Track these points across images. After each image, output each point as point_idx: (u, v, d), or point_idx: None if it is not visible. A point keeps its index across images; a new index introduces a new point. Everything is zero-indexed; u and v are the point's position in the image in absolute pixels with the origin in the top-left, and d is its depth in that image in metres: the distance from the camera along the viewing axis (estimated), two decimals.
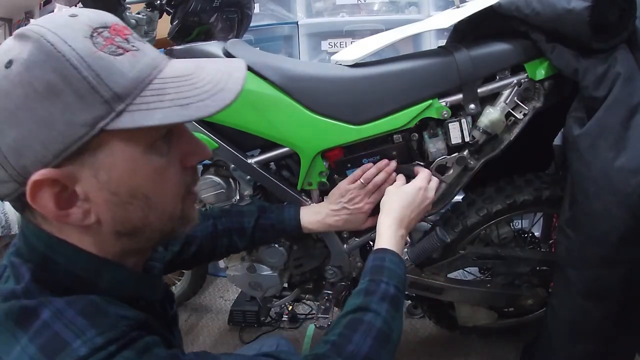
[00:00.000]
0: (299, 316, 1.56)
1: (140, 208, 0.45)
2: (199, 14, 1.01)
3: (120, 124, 0.40)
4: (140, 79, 0.42)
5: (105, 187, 0.43)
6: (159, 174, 0.45)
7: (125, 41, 0.43)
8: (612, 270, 0.83)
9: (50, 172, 0.40)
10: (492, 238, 1.14)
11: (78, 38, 0.41)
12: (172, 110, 0.42)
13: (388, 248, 0.74)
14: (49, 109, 0.39)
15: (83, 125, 0.40)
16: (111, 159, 0.42)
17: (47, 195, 0.41)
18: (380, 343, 0.59)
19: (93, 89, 0.40)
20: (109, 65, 0.41)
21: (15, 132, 0.40)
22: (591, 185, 0.81)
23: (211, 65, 0.47)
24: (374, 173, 0.90)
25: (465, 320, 1.22)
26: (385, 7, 1.82)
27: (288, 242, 1.02)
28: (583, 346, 0.92)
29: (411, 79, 0.89)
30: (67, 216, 0.43)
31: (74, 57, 0.39)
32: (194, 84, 0.44)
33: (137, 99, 0.41)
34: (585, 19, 0.77)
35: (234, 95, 0.44)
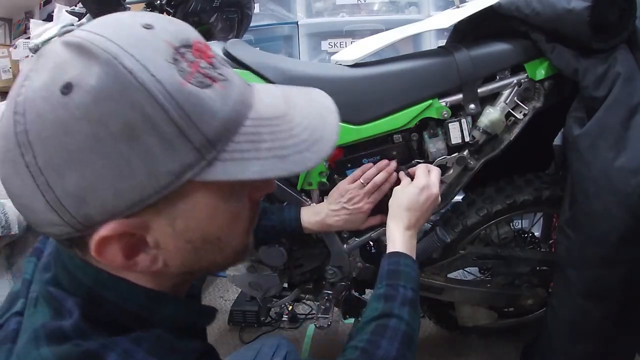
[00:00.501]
0: (299, 316, 1.56)
1: (211, 251, 0.42)
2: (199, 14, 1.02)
3: (211, 176, 0.35)
4: (232, 120, 0.36)
5: (181, 235, 0.38)
6: (234, 218, 0.42)
7: (211, 67, 0.36)
8: (612, 270, 0.83)
9: (122, 226, 0.35)
10: (492, 238, 1.14)
11: (161, 64, 0.33)
12: (270, 162, 0.37)
13: (402, 251, 0.75)
14: (125, 154, 0.32)
15: (167, 175, 0.34)
16: (191, 207, 0.37)
17: (115, 249, 0.36)
18: (405, 345, 0.62)
19: (182, 133, 0.33)
20: (200, 102, 0.34)
21: (78, 177, 0.33)
22: (591, 185, 0.81)
23: (302, 101, 0.42)
24: (373, 173, 0.90)
25: (465, 320, 1.22)
26: (385, 7, 1.82)
27: (288, 242, 1.02)
28: (583, 346, 0.92)
29: (411, 79, 0.89)
30: (134, 265, 0.38)
31: (160, 93, 0.32)
32: (290, 131, 0.39)
33: (230, 145, 0.36)
34: (585, 19, 0.77)
35: (331, 146, 0.40)
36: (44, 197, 0.33)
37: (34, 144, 0.32)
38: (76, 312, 0.37)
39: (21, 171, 0.33)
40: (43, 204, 0.34)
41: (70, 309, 0.38)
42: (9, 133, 0.33)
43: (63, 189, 0.33)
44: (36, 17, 2.46)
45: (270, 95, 0.42)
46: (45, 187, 0.33)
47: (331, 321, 1.03)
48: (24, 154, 0.33)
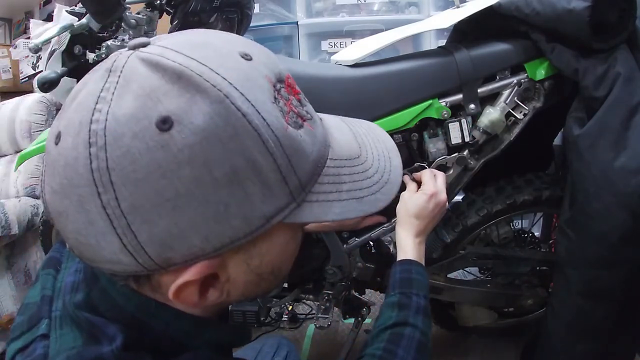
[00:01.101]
0: (299, 316, 1.56)
1: (271, 281, 0.41)
2: (199, 14, 1.02)
3: (298, 218, 0.34)
4: (318, 161, 0.36)
5: (254, 271, 0.37)
6: (296, 249, 0.42)
7: (300, 104, 0.36)
8: (612, 270, 0.83)
9: (206, 269, 0.33)
10: (492, 238, 1.14)
11: (268, 106, 0.31)
12: (350, 204, 0.37)
13: (413, 259, 0.76)
14: (224, 199, 0.30)
15: (260, 219, 0.32)
16: (269, 246, 0.36)
17: (193, 290, 0.34)
18: (421, 353, 0.63)
19: (283, 178, 0.32)
20: (298, 147, 0.33)
21: (169, 223, 0.30)
22: (591, 185, 0.81)
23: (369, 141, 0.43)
24: None
25: (465, 320, 1.22)
26: (385, 7, 1.82)
27: None
28: (583, 346, 0.92)
29: (411, 79, 0.89)
30: (205, 301, 0.36)
31: (271, 139, 0.31)
32: (365, 172, 0.39)
33: (315, 187, 0.35)
34: (585, 19, 0.77)
35: (397, 188, 0.41)
36: (120, 240, 0.30)
37: (117, 184, 0.29)
38: (119, 338, 0.35)
39: (92, 210, 0.30)
40: (117, 247, 0.31)
41: (113, 336, 0.35)
42: (81, 166, 0.29)
43: (149, 234, 0.30)
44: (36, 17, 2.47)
45: (341, 132, 0.42)
46: (125, 231, 0.30)
47: (331, 321, 1.03)
48: (101, 193, 0.29)
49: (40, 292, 0.45)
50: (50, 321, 0.41)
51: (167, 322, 0.38)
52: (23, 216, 1.53)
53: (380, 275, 1.07)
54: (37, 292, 0.45)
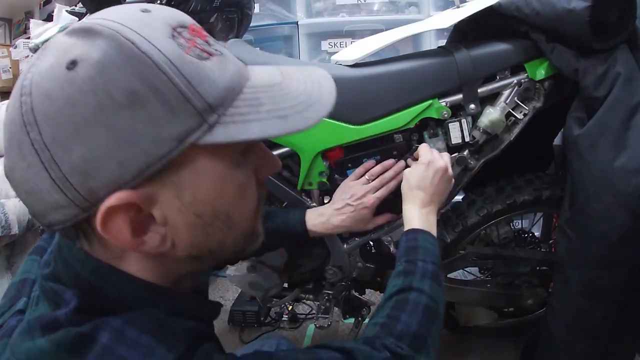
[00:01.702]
0: (299, 316, 1.56)
1: (220, 230, 0.41)
2: (199, 14, 1.02)
3: (213, 138, 0.36)
4: (231, 88, 0.38)
5: (189, 209, 0.38)
6: (242, 191, 0.42)
7: (206, 44, 0.38)
8: (612, 270, 0.83)
9: (127, 196, 0.35)
10: (492, 238, 1.14)
11: (161, 38, 0.35)
12: (271, 122, 0.38)
13: (418, 228, 0.74)
14: (129, 121, 0.33)
15: (170, 140, 0.35)
16: (197, 177, 0.37)
17: (122, 222, 0.36)
18: (428, 318, 0.61)
19: (185, 97, 0.34)
20: (199, 71, 0.36)
21: (84, 150, 0.33)
22: (591, 185, 0.81)
23: (298, 74, 0.43)
24: (379, 171, 0.89)
25: (465, 320, 1.22)
26: (385, 7, 1.82)
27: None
28: (583, 346, 0.92)
29: (411, 79, 0.89)
30: (142, 244, 0.37)
31: (162, 61, 0.34)
32: (288, 94, 0.40)
33: (230, 110, 0.37)
34: (585, 19, 0.77)
35: (329, 107, 0.41)
36: (49, 175, 0.34)
37: (39, 120, 0.33)
38: (73, 302, 0.38)
39: (27, 152, 0.34)
40: (49, 184, 0.34)
41: (68, 300, 0.38)
42: (16, 116, 0.34)
43: (69, 163, 0.33)
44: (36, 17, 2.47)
45: (268, 71, 0.43)
46: (51, 164, 0.33)
47: (331, 321, 1.03)
48: (29, 131, 0.33)
49: (21, 275, 0.48)
50: (29, 300, 0.43)
51: (120, 288, 0.39)
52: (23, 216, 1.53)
53: (380, 275, 1.07)
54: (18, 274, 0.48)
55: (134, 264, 0.40)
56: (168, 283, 0.42)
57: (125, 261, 0.40)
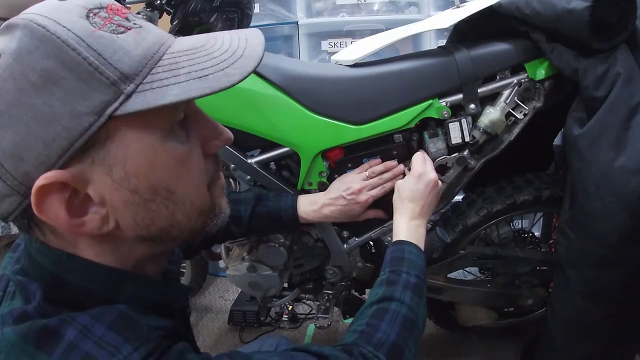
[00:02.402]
0: (299, 316, 1.56)
1: (164, 205, 0.40)
2: (199, 13, 1.01)
3: (131, 107, 0.35)
4: (148, 56, 0.37)
5: (123, 185, 0.38)
6: (181, 164, 0.40)
7: (125, 20, 0.38)
8: (612, 270, 0.83)
9: (56, 175, 0.35)
10: (492, 238, 1.14)
11: (73, 19, 0.36)
12: (190, 83, 0.37)
13: (405, 240, 0.75)
14: (47, 100, 0.34)
15: (88, 114, 0.35)
16: (125, 151, 0.37)
17: (57, 203, 0.36)
18: (407, 330, 0.61)
19: (96, 70, 0.35)
20: (111, 43, 0.36)
21: (11, 134, 0.34)
22: (591, 185, 0.81)
23: (224, 35, 0.42)
24: (380, 170, 0.90)
25: (465, 320, 1.22)
26: (385, 7, 1.82)
27: (288, 242, 1.02)
28: (583, 346, 0.92)
29: (411, 79, 0.89)
30: (82, 225, 0.38)
31: (71, 38, 0.34)
32: (210, 54, 0.39)
33: (148, 78, 0.37)
34: (586, 19, 0.77)
35: (255, 62, 0.40)
36: None
37: None
38: (39, 294, 0.38)
39: None
40: None
41: (34, 292, 0.39)
42: None
43: (1, 150, 0.35)
44: None
45: (194, 38, 0.42)
46: None
47: (331, 321, 1.03)
48: None
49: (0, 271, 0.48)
50: (4, 295, 0.44)
51: (82, 274, 0.40)
52: None
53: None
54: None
55: (89, 250, 0.40)
56: (130, 267, 0.42)
57: (79, 248, 0.40)
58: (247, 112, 0.89)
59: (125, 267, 0.42)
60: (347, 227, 1.00)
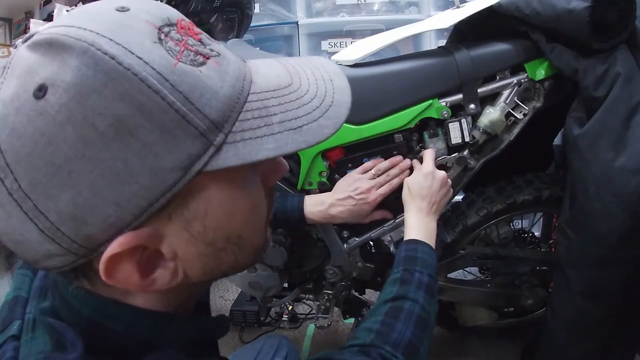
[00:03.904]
0: (299, 316, 1.56)
1: (232, 252, 0.37)
2: (199, 14, 1.02)
3: (223, 162, 0.31)
4: (234, 97, 0.32)
5: (200, 239, 0.34)
6: (253, 210, 0.37)
7: (199, 44, 0.32)
8: (612, 270, 0.83)
9: (131, 239, 0.30)
10: (492, 238, 1.14)
11: (147, 45, 0.29)
12: (285, 136, 0.32)
13: (419, 239, 0.75)
14: (120, 154, 0.28)
15: (173, 170, 0.29)
16: (206, 205, 0.33)
17: (128, 267, 0.31)
18: (421, 328, 0.62)
19: (184, 118, 0.29)
20: (196, 82, 0.30)
21: (71, 193, 0.28)
22: (591, 185, 0.81)
23: (306, 70, 0.38)
24: (387, 166, 0.89)
25: (465, 320, 1.22)
26: (385, 7, 1.82)
27: (288, 242, 1.02)
28: (583, 346, 0.92)
29: (411, 79, 0.89)
30: (152, 284, 0.33)
31: (151, 76, 0.28)
32: (300, 99, 0.35)
33: (237, 125, 0.32)
34: (585, 19, 0.77)
35: (346, 109, 0.36)
36: (36, 225, 0.29)
37: (12, 164, 0.28)
38: (79, 344, 0.33)
39: (5, 201, 0.29)
40: (37, 235, 0.29)
41: (73, 342, 0.33)
42: None
43: (57, 211, 0.29)
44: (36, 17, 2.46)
45: (269, 67, 0.38)
46: (35, 214, 0.29)
47: (331, 321, 1.03)
48: (3, 179, 0.28)
49: (14, 292, 0.44)
50: (23, 323, 0.40)
51: (126, 322, 0.35)
52: None
53: (380, 275, 1.07)
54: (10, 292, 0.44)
55: (140, 297, 0.36)
56: (173, 307, 0.39)
57: (131, 296, 0.36)
58: None
59: (169, 308, 0.38)
60: (347, 227, 1.00)
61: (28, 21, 2.45)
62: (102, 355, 0.34)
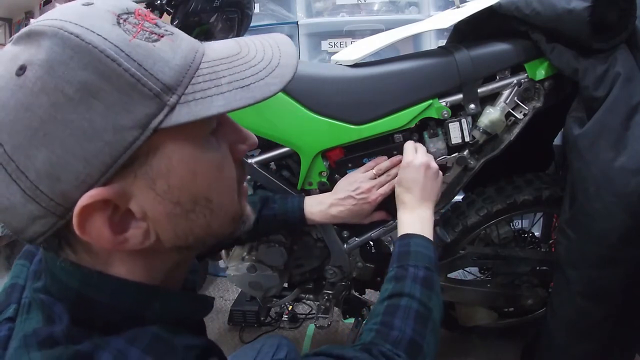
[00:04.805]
0: (299, 316, 1.56)
1: (202, 214, 0.40)
2: (199, 13, 1.02)
3: (176, 119, 0.35)
4: (186, 65, 0.37)
5: (166, 197, 0.37)
6: (218, 172, 0.40)
7: (155, 26, 0.37)
8: (612, 270, 0.83)
9: (100, 192, 0.34)
10: (492, 238, 1.14)
11: (106, 26, 0.34)
12: (233, 94, 0.37)
13: (411, 233, 0.74)
14: (86, 115, 0.32)
15: (132, 128, 0.34)
16: (168, 163, 0.36)
17: (100, 222, 0.35)
18: (421, 324, 0.61)
19: (139, 81, 0.34)
20: (150, 52, 0.35)
21: (46, 153, 0.32)
22: (591, 185, 0.81)
23: (255, 42, 0.42)
24: (388, 166, 0.89)
25: (465, 320, 1.22)
26: (385, 7, 1.82)
27: (288, 242, 1.02)
28: (583, 346, 0.92)
29: (411, 79, 0.90)
30: (125, 242, 0.37)
31: (109, 48, 0.33)
32: (248, 63, 0.39)
33: (189, 88, 0.36)
34: (585, 19, 0.77)
35: (292, 70, 0.40)
36: (19, 187, 0.33)
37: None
38: (66, 316, 0.37)
39: None
40: (20, 196, 0.33)
41: (60, 315, 0.37)
42: None
43: (35, 170, 0.33)
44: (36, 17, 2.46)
45: (222, 43, 0.42)
46: (18, 175, 0.33)
47: (331, 321, 1.03)
48: None
49: (11, 280, 0.47)
50: (19, 306, 0.43)
51: (111, 293, 0.38)
52: None
53: (380, 275, 1.07)
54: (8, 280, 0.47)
55: (122, 266, 0.39)
56: (158, 280, 0.42)
57: (112, 265, 0.39)
58: (247, 112, 0.89)
59: (154, 281, 0.41)
60: (347, 227, 1.00)
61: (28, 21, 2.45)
62: (87, 327, 0.37)
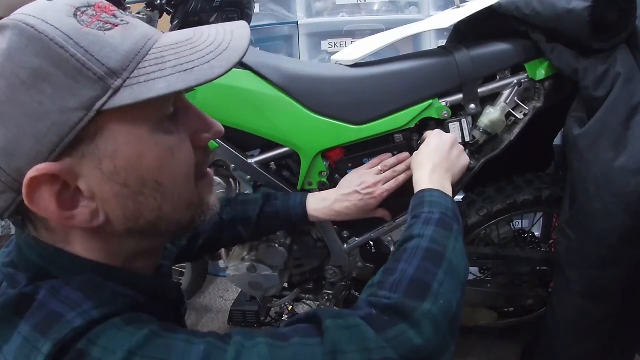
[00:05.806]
0: None
1: (152, 197, 0.41)
2: (199, 13, 1.02)
3: (119, 101, 0.37)
4: (135, 51, 0.39)
5: (112, 178, 0.39)
6: (169, 156, 0.41)
7: (112, 17, 0.40)
8: (612, 270, 0.84)
9: (46, 167, 0.37)
10: (492, 238, 1.14)
11: (60, 17, 0.37)
12: (176, 77, 0.38)
13: (426, 188, 0.68)
14: (37, 97, 0.36)
15: (77, 110, 0.36)
16: (114, 144, 0.38)
17: (47, 195, 0.37)
18: (431, 261, 0.54)
19: (84, 66, 0.36)
20: (99, 40, 0.37)
21: (3, 131, 0.36)
22: (591, 185, 0.81)
23: (211, 29, 0.44)
24: (393, 162, 0.89)
25: (465, 320, 1.22)
26: (385, 7, 1.82)
27: (288, 242, 1.02)
28: (583, 346, 0.92)
29: (411, 79, 0.90)
30: (72, 218, 0.39)
31: (59, 36, 0.36)
32: (195, 47, 0.41)
33: (135, 72, 0.38)
34: (586, 19, 0.77)
35: (240, 53, 0.41)
36: None
37: None
38: (24, 282, 0.40)
39: None
40: None
41: (20, 281, 0.41)
42: None
43: None
44: None
45: (181, 32, 0.43)
46: None
47: None
48: None
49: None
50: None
51: (66, 269, 0.41)
52: None
53: None
54: None
55: (79, 245, 0.42)
56: (118, 262, 0.44)
57: (70, 243, 0.42)
58: (248, 112, 0.89)
59: (114, 263, 0.43)
60: (347, 227, 1.00)
61: None
62: None
